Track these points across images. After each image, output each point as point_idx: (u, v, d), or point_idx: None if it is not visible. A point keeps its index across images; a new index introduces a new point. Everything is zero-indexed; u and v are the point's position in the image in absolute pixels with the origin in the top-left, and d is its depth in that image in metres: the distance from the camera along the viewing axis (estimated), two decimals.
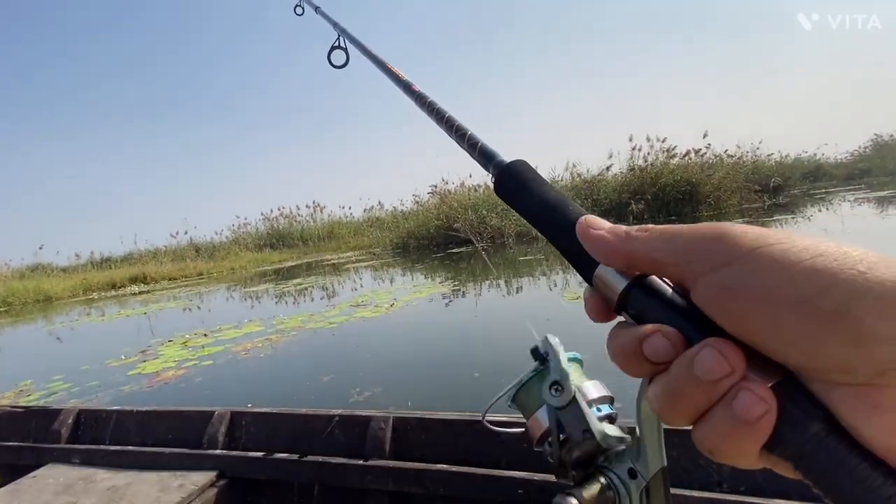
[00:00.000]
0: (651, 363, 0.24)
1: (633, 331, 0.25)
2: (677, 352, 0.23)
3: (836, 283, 0.20)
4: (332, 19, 0.98)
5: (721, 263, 0.23)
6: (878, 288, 0.19)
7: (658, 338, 0.24)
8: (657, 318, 0.25)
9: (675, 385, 0.23)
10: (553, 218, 0.33)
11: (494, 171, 0.40)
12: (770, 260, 0.21)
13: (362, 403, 2.64)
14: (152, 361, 4.20)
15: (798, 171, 18.03)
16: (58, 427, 2.08)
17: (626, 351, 0.25)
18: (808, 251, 0.21)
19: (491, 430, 0.55)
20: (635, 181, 12.74)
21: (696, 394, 0.22)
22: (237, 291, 9.53)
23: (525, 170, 0.37)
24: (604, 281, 0.28)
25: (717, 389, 0.21)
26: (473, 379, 2.72)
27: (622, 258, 0.27)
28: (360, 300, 5.89)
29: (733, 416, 0.21)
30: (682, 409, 0.23)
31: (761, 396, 0.20)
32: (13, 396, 3.72)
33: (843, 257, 0.20)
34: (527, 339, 0.41)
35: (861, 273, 0.19)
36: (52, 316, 9.69)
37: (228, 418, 1.89)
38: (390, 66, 0.66)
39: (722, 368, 0.21)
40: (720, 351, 0.22)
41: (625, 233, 0.27)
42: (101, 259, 19.77)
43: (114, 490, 1.68)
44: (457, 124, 0.48)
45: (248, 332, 4.86)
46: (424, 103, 0.55)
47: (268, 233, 20.48)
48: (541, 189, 0.35)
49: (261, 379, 3.35)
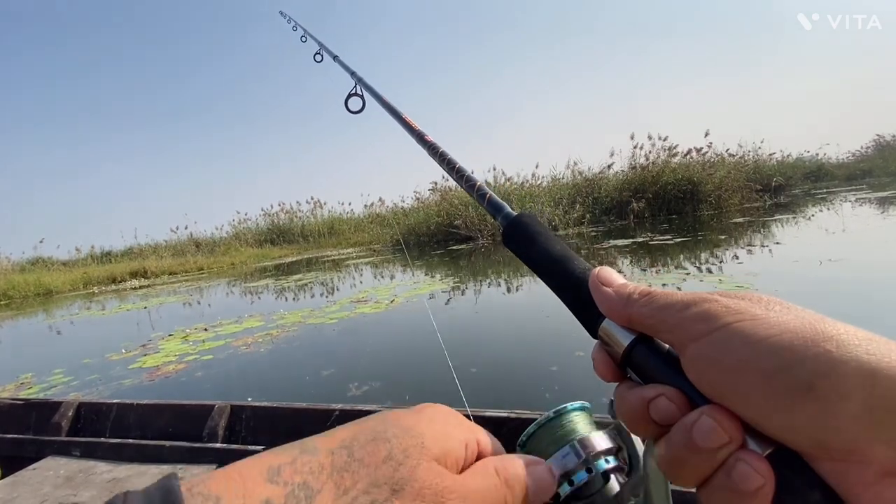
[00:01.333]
0: (658, 425, 0.25)
1: (640, 392, 0.26)
2: (682, 413, 0.24)
3: (801, 359, 0.20)
4: (349, 68, 1.03)
5: (701, 334, 0.24)
6: (841, 367, 0.19)
7: (663, 401, 0.24)
8: (661, 379, 0.26)
9: (678, 451, 0.23)
10: (559, 271, 0.34)
11: (503, 223, 0.41)
12: (741, 334, 0.22)
13: (360, 398, 2.65)
14: (153, 355, 4.21)
15: (799, 170, 18.02)
16: (58, 419, 2.09)
17: (634, 413, 0.26)
18: (777, 327, 0.22)
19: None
20: (636, 179, 12.74)
21: (697, 460, 0.22)
22: (237, 286, 9.54)
23: (532, 223, 0.39)
24: (608, 335, 0.29)
25: (717, 457, 0.22)
26: (471, 374, 2.73)
27: (624, 318, 0.28)
28: (361, 296, 5.90)
29: (733, 487, 0.21)
30: (686, 473, 0.23)
31: (757, 469, 0.21)
32: (14, 389, 3.74)
33: (813, 334, 0.21)
34: (524, 336, 0.42)
35: (827, 351, 0.20)
36: (53, 309, 9.71)
37: (228, 412, 1.90)
38: (404, 115, 0.69)
39: (720, 437, 0.22)
40: (717, 419, 0.22)
41: (627, 295, 0.28)
42: (101, 253, 19.79)
43: (114, 482, 1.68)
44: (467, 175, 0.50)
45: (248, 327, 4.88)
46: (436, 153, 0.57)
47: (268, 228, 20.49)
48: (547, 243, 0.36)
49: (261, 373, 3.36)
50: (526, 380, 2.58)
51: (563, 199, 12.72)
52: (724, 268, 4.92)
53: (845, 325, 0.21)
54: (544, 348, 3.10)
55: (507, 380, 2.62)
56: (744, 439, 0.22)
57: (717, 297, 0.25)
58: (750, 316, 0.23)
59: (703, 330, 0.24)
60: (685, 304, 0.25)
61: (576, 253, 0.35)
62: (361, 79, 0.95)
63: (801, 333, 0.21)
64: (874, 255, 4.79)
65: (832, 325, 0.21)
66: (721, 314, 0.24)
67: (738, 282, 4.07)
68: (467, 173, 0.50)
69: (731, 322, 0.23)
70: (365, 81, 0.93)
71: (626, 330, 0.28)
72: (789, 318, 0.22)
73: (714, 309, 0.24)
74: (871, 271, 4.12)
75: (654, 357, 0.26)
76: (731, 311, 0.23)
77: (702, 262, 5.58)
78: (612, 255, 6.95)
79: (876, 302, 3.15)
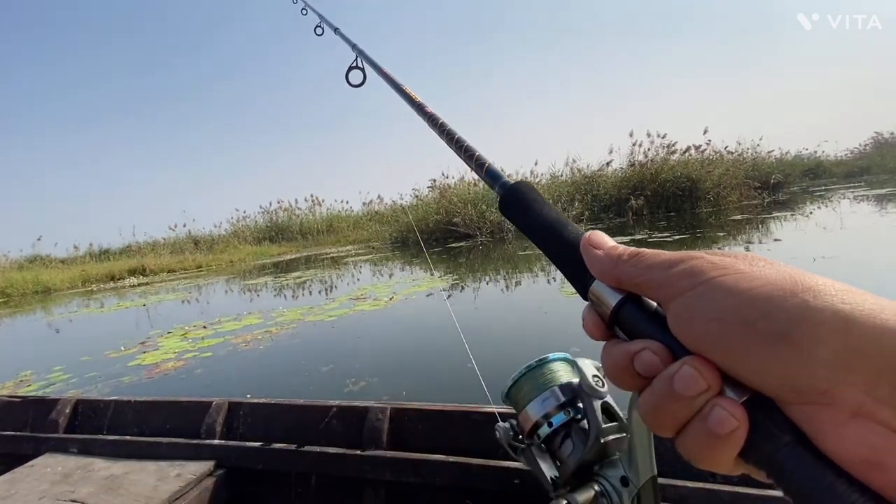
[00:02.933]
0: (642, 377, 0.26)
1: (625, 346, 0.27)
2: (665, 366, 0.25)
3: (778, 308, 0.21)
4: (350, 40, 1.02)
5: (686, 289, 0.24)
6: (817, 315, 0.20)
7: (647, 353, 0.25)
8: (647, 335, 0.27)
9: (658, 399, 0.24)
10: (553, 236, 0.35)
11: (500, 191, 0.42)
12: (724, 287, 0.23)
13: (357, 393, 2.66)
14: (152, 353, 4.21)
15: (798, 168, 18.04)
16: (55, 416, 2.08)
17: (618, 366, 0.27)
18: (759, 279, 0.23)
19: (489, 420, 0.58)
20: (635, 177, 12.74)
21: (677, 407, 0.24)
22: (236, 284, 9.54)
23: (528, 191, 0.40)
24: (598, 296, 0.30)
25: (695, 404, 0.23)
26: (469, 370, 2.74)
27: (613, 279, 0.29)
28: (360, 293, 5.90)
29: (708, 430, 0.22)
30: (666, 421, 0.24)
31: (732, 413, 0.22)
32: (13, 386, 3.74)
33: (792, 285, 0.22)
34: (523, 333, 0.43)
35: (804, 301, 0.21)
36: (51, 307, 9.70)
37: (226, 408, 1.89)
38: (405, 87, 0.69)
39: (698, 385, 0.23)
40: (697, 368, 0.23)
41: (618, 255, 0.29)
42: (99, 251, 19.75)
43: (111, 479, 1.68)
44: (466, 145, 0.50)
45: (247, 325, 4.88)
46: (436, 124, 0.57)
47: (267, 226, 20.47)
48: (542, 209, 0.38)
49: (260, 370, 3.37)
50: None
51: (562, 197, 12.72)
52: None
53: (824, 278, 0.22)
54: (543, 342, 3.11)
55: (504, 374, 2.63)
56: (722, 387, 0.23)
57: (703, 255, 0.26)
58: (734, 270, 0.24)
59: (687, 285, 0.24)
60: (672, 263, 0.26)
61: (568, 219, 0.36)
62: (362, 51, 0.95)
63: (781, 285, 0.22)
64: (867, 254, 4.80)
65: (811, 277, 0.22)
66: (706, 269, 0.24)
67: None
68: (466, 143, 0.50)
69: (714, 276, 0.24)
70: (366, 53, 0.93)
71: (615, 290, 0.29)
72: (771, 271, 0.23)
73: (699, 265, 0.25)
74: (862, 270, 4.13)
75: (640, 314, 0.27)
76: (716, 267, 0.24)
77: None
78: None
79: None
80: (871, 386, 0.19)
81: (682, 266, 0.25)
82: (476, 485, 1.40)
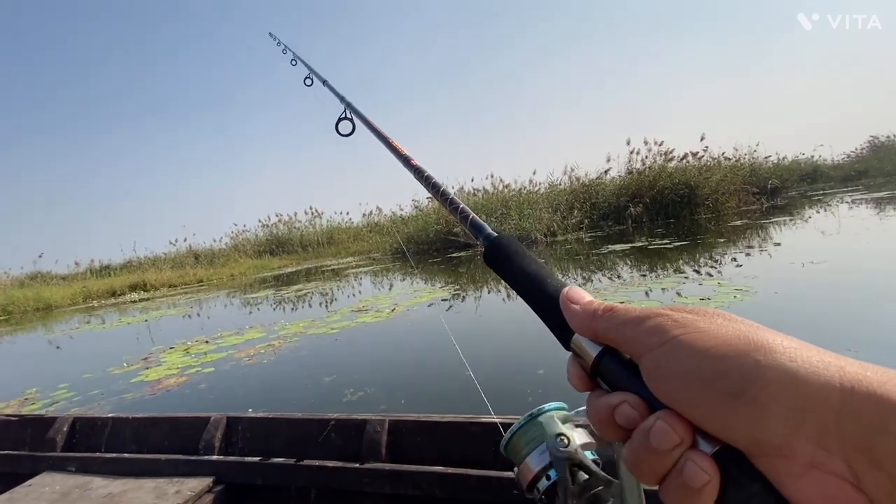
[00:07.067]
0: (623, 429, 0.27)
1: (606, 399, 0.28)
2: (643, 418, 0.26)
3: (733, 367, 0.23)
4: (338, 93, 1.05)
5: (655, 345, 0.26)
6: (767, 373, 0.22)
7: (626, 406, 0.27)
8: (625, 386, 0.28)
9: (637, 451, 0.26)
10: (534, 289, 0.37)
11: (484, 243, 0.44)
12: (685, 345, 0.25)
13: (356, 402, 2.67)
14: (155, 368, 4.21)
15: (795, 172, 18.09)
16: (53, 435, 2.07)
17: (601, 418, 0.28)
18: (715, 339, 0.25)
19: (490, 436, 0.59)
20: (633, 184, 12.77)
21: (654, 460, 0.25)
22: (237, 298, 9.53)
23: (510, 243, 0.41)
24: (579, 347, 0.31)
25: (671, 457, 0.25)
26: (469, 379, 2.74)
27: (591, 333, 0.31)
28: (362, 305, 5.90)
29: (683, 483, 0.24)
30: (647, 472, 0.26)
31: (703, 467, 0.24)
32: (18, 404, 3.74)
33: (745, 345, 0.24)
34: (524, 342, 0.44)
35: (756, 360, 0.23)
36: (53, 324, 9.68)
37: (224, 424, 1.88)
38: (391, 140, 0.71)
39: (671, 439, 0.24)
40: (669, 423, 0.25)
41: (593, 311, 0.31)
42: (100, 267, 19.74)
43: (110, 497, 1.68)
44: (451, 197, 0.52)
45: (249, 339, 4.88)
46: (422, 176, 0.59)
47: (267, 239, 20.48)
48: (524, 262, 0.39)
49: (263, 383, 3.36)
50: (521, 382, 2.59)
51: (561, 205, 12.75)
52: (724, 271, 4.95)
53: (776, 335, 0.24)
54: (544, 354, 3.11)
55: (503, 382, 2.63)
56: (694, 440, 0.25)
57: (668, 312, 0.28)
58: (693, 329, 0.26)
59: (655, 342, 0.26)
60: (640, 319, 0.28)
61: (549, 272, 0.38)
62: (350, 104, 0.98)
63: (735, 344, 0.24)
64: (857, 258, 4.82)
65: (764, 335, 0.24)
66: (669, 327, 0.26)
67: (738, 285, 4.09)
68: (451, 196, 0.52)
69: (677, 335, 0.26)
70: (354, 106, 0.96)
71: (594, 343, 0.30)
72: (728, 330, 0.25)
73: (664, 323, 0.27)
74: (852, 273, 4.15)
75: (618, 367, 0.29)
76: (678, 325, 0.26)
77: (700, 265, 5.60)
78: (611, 259, 6.97)
79: (856, 300, 3.19)
80: (821, 439, 0.21)
81: (649, 323, 0.27)
82: (475, 496, 1.40)
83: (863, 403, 0.21)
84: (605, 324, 0.30)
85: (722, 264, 5.38)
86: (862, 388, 0.21)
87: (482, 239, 0.44)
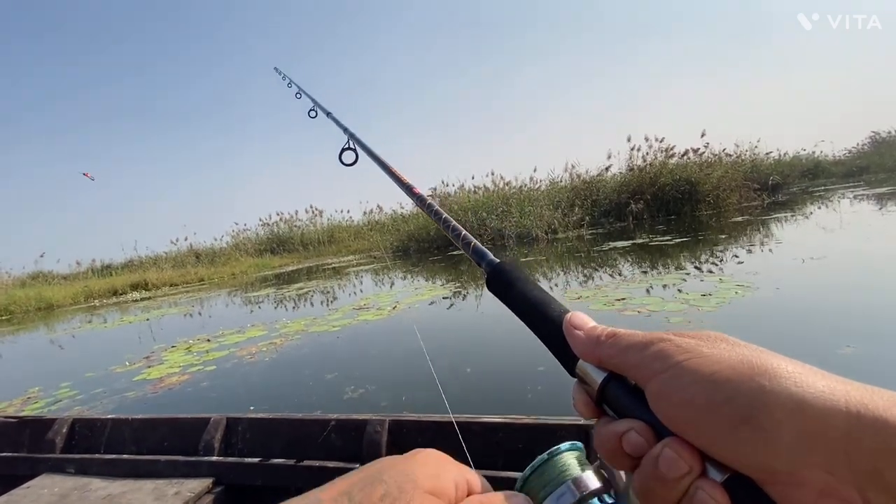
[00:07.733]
0: (631, 458, 0.27)
1: (613, 427, 0.28)
2: (651, 446, 0.26)
3: (739, 393, 0.23)
4: (342, 124, 1.07)
5: (659, 371, 0.26)
6: (773, 398, 0.22)
7: (633, 434, 0.26)
8: (631, 413, 0.28)
9: (647, 481, 0.25)
10: (538, 315, 0.37)
11: (487, 269, 0.43)
12: (691, 371, 0.25)
13: (357, 400, 2.67)
14: (157, 367, 4.22)
15: (796, 168, 18.06)
16: (52, 436, 2.06)
17: (609, 447, 0.28)
18: (720, 363, 0.24)
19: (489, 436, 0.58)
20: (634, 181, 12.76)
21: (664, 489, 0.24)
22: (238, 297, 9.54)
23: (512, 269, 0.41)
24: (584, 374, 0.31)
25: (681, 486, 0.24)
26: (465, 374, 2.74)
27: (595, 359, 0.30)
28: (363, 303, 5.91)
29: None
30: (658, 502, 0.25)
31: (712, 496, 0.23)
32: (20, 403, 3.74)
33: (749, 369, 0.23)
34: (522, 337, 0.44)
35: (761, 385, 0.22)
36: (55, 323, 9.70)
37: (224, 425, 1.88)
38: (394, 169, 0.72)
39: (680, 468, 0.24)
40: (677, 451, 0.24)
41: (596, 337, 0.31)
42: (101, 266, 19.78)
43: (109, 499, 1.67)
44: (452, 224, 0.52)
45: (251, 337, 4.89)
46: (424, 204, 0.60)
47: (267, 238, 20.49)
48: (526, 287, 0.39)
49: (265, 381, 3.37)
50: (521, 379, 2.59)
51: (562, 203, 12.74)
52: (725, 267, 4.94)
53: (780, 359, 0.24)
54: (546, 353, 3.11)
55: (500, 380, 2.63)
56: (704, 467, 0.24)
57: (672, 337, 0.27)
58: (696, 354, 0.25)
59: (659, 368, 0.26)
60: (644, 345, 0.28)
61: (552, 297, 0.37)
62: (353, 134, 1.00)
63: (739, 369, 0.24)
64: (856, 255, 4.81)
65: (768, 359, 0.24)
66: (673, 353, 0.26)
67: (739, 281, 4.09)
68: (453, 223, 0.52)
69: (681, 361, 0.25)
70: (357, 137, 0.99)
71: (599, 369, 0.30)
72: (731, 354, 0.25)
73: (667, 348, 0.26)
74: (854, 269, 4.14)
75: (623, 393, 0.29)
76: (682, 350, 0.26)
77: (702, 262, 5.59)
78: (612, 257, 6.97)
79: (857, 295, 3.18)
80: (831, 466, 0.21)
81: (652, 349, 0.27)
82: None
83: (870, 428, 0.20)
84: (608, 350, 0.29)
85: (723, 260, 5.37)
86: (868, 413, 0.21)
87: (484, 265, 0.44)
